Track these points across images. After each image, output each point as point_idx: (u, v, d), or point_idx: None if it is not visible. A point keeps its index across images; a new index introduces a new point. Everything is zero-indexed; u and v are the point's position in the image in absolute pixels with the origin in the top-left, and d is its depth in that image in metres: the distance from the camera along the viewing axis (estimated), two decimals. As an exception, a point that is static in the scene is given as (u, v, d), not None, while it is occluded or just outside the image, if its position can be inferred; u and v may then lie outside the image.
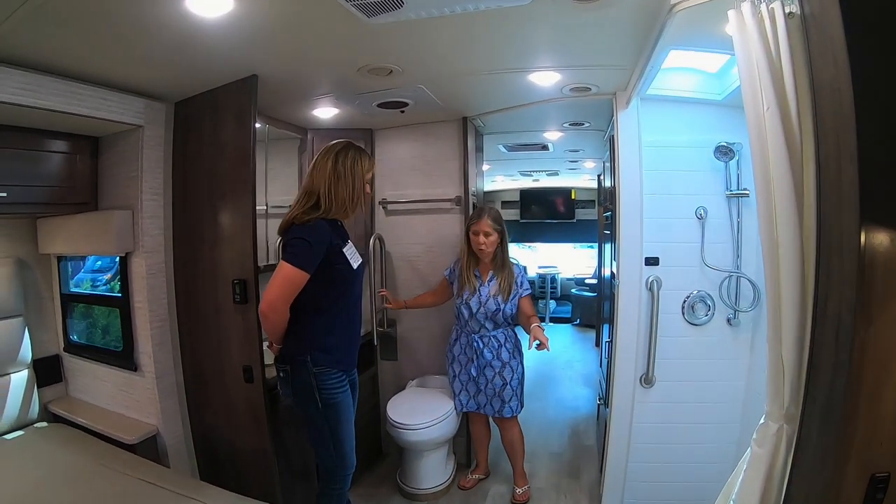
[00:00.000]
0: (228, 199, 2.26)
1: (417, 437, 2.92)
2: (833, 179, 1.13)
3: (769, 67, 1.25)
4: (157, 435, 2.37)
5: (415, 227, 3.52)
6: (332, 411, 2.08)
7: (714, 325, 2.72)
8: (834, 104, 1.10)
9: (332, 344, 2.09)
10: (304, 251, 1.94)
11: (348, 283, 2.12)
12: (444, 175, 3.41)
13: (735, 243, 2.64)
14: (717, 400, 2.75)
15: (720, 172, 2.61)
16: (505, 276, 2.95)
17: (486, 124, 3.53)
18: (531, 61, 2.30)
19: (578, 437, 4.04)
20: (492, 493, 3.18)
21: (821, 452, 1.14)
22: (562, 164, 5.66)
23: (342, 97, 2.69)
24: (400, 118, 3.12)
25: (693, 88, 2.57)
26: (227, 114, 2.24)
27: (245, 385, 2.25)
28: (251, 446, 2.33)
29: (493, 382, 2.97)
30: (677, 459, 2.83)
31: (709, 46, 2.02)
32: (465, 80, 2.54)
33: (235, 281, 2.22)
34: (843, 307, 1.09)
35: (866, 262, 1.04)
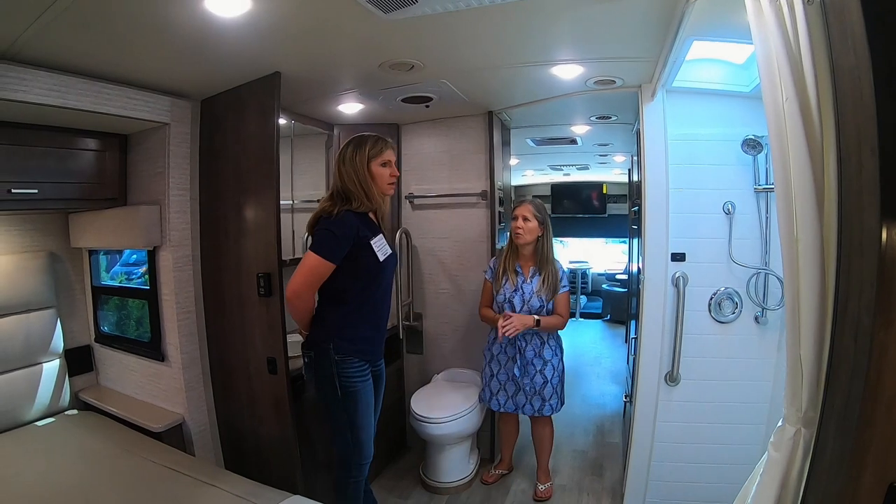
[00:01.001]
0: (253, 194, 2.30)
1: (440, 430, 2.93)
2: (854, 173, 1.07)
3: (788, 57, 1.20)
4: (183, 423, 2.44)
5: (441, 222, 3.52)
6: (351, 399, 2.12)
7: (741, 323, 2.65)
8: (854, 94, 1.04)
9: (355, 334, 2.14)
10: (328, 242, 2.02)
11: (374, 275, 2.15)
12: (471, 169, 3.40)
13: (763, 239, 2.56)
14: (743, 400, 2.68)
15: (748, 166, 2.54)
16: (549, 273, 2.88)
17: (512, 118, 3.51)
18: (552, 54, 2.27)
19: (603, 434, 3.99)
20: (514, 488, 3.17)
21: (837, 459, 1.10)
22: (591, 159, 5.60)
23: (366, 93, 2.70)
24: (425, 113, 3.12)
25: (719, 80, 2.50)
26: (251, 110, 2.28)
27: (269, 376, 2.30)
28: (274, 436, 2.38)
29: (534, 381, 2.94)
30: (701, 460, 2.77)
31: (732, 37, 1.95)
32: (488, 75, 2.53)
33: (260, 274, 2.27)
34: (863, 309, 1.04)
35: (887, 261, 0.99)
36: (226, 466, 2.53)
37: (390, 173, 2.18)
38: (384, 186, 2.18)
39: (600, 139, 4.43)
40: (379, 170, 2.14)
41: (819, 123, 1.18)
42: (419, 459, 3.33)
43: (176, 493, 1.94)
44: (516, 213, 2.86)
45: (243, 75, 2.23)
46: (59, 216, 2.73)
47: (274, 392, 2.33)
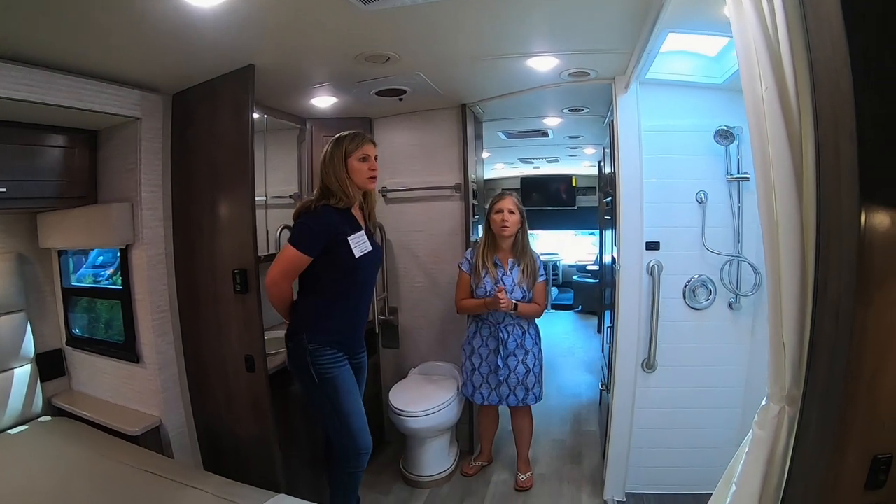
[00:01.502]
0: (227, 190, 2.26)
1: (420, 424, 2.93)
2: (832, 160, 1.11)
3: (767, 47, 1.23)
4: (160, 426, 2.38)
5: (415, 215, 3.52)
6: (329, 385, 2.17)
7: (715, 309, 2.72)
8: (832, 83, 1.08)
9: (328, 326, 2.19)
10: (305, 235, 2.10)
11: (350, 271, 2.18)
12: (444, 162, 3.40)
13: (736, 227, 2.63)
14: (718, 384, 2.76)
15: (720, 156, 2.60)
16: (528, 263, 2.93)
17: (485, 111, 3.51)
18: (529, 46, 2.28)
19: (580, 423, 4.05)
20: (495, 479, 3.19)
21: (821, 434, 1.14)
22: (562, 151, 5.64)
23: (340, 86, 2.68)
24: (398, 106, 3.11)
25: (692, 72, 2.56)
26: (225, 104, 2.24)
27: (247, 374, 2.27)
28: (253, 436, 2.35)
29: (517, 371, 2.96)
30: (679, 444, 2.85)
31: (707, 29, 2.00)
32: (463, 67, 2.52)
33: (236, 271, 2.23)
34: (843, 289, 1.08)
35: (865, 243, 1.03)
36: (204, 468, 2.49)
37: (369, 167, 2.21)
38: (363, 181, 2.22)
39: (571, 131, 4.47)
40: (357, 165, 2.18)
41: (797, 112, 1.22)
42: (398, 454, 3.33)
43: (156, 496, 1.90)
44: (500, 206, 2.88)
45: (217, 68, 2.19)
46: (27, 216, 2.63)
47: (252, 390, 2.31)
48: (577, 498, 2.97)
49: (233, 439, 2.42)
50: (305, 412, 2.65)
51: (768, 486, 1.30)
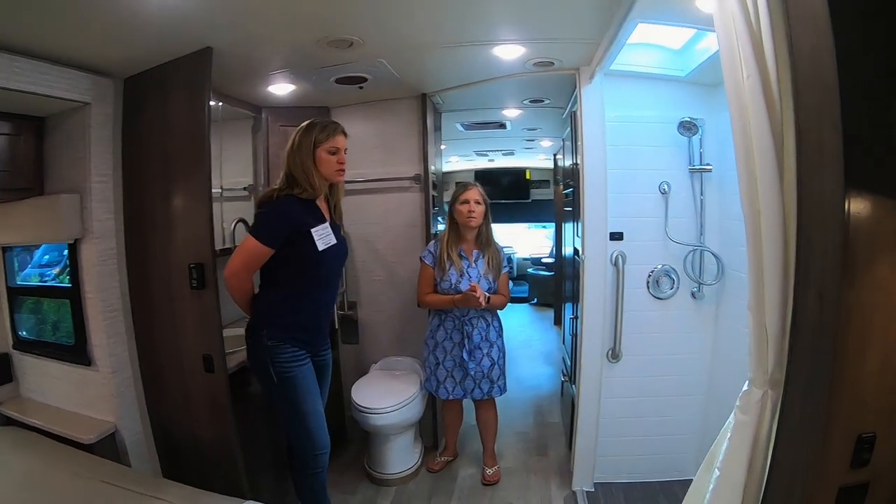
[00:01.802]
0: (182, 180, 2.14)
1: (385, 420, 2.87)
2: (814, 148, 1.13)
3: (750, 36, 1.24)
4: (116, 432, 2.23)
5: (374, 207, 3.44)
6: (289, 385, 2.10)
7: (679, 298, 2.78)
8: (815, 73, 1.09)
9: (289, 321, 2.10)
10: (267, 225, 2.03)
11: (312, 264, 2.10)
12: (403, 153, 3.36)
13: (698, 217, 2.69)
14: (683, 372, 2.83)
15: (683, 148, 2.65)
16: (492, 254, 2.92)
17: (444, 101, 3.48)
18: (496, 33, 2.26)
19: (543, 415, 4.08)
20: (461, 474, 3.17)
21: (808, 415, 1.16)
22: (518, 144, 5.68)
23: (299, 72, 2.59)
24: (357, 95, 3.03)
25: (656, 64, 2.60)
26: (180, 89, 2.11)
27: (205, 375, 2.16)
28: (214, 438, 2.24)
29: (482, 365, 2.94)
30: (645, 433, 2.90)
31: (677, 20, 2.02)
32: (427, 54, 2.49)
33: (192, 265, 2.12)
34: (827, 272, 1.10)
35: (850, 228, 1.05)
36: (164, 475, 2.37)
37: (338, 160, 2.13)
38: (330, 173, 2.13)
39: (529, 124, 4.50)
40: (325, 156, 2.09)
41: (779, 100, 1.23)
42: (362, 452, 3.26)
43: None
44: (466, 196, 2.85)
45: (172, 50, 2.06)
46: (-34, 210, 2.41)
47: (211, 391, 2.20)
48: (545, 490, 2.98)
49: (192, 444, 2.31)
50: (267, 412, 2.55)
51: (753, 468, 1.32)
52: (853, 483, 1.14)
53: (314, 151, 2.07)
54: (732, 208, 2.56)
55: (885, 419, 1.13)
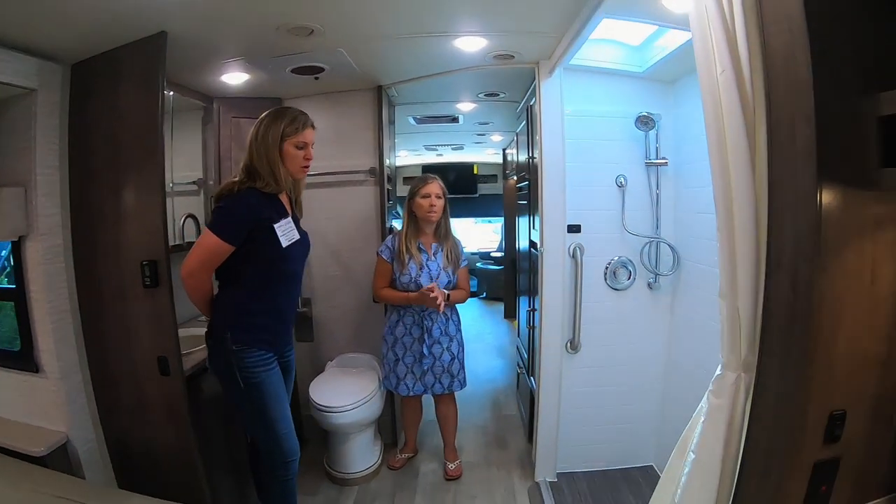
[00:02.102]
0: (134, 172, 2.01)
1: (345, 419, 2.82)
2: (786, 140, 1.18)
3: (725, 32, 1.27)
4: (68, 443, 2.06)
5: (328, 201, 3.36)
6: (256, 390, 1.99)
7: (635, 289, 2.86)
8: (789, 69, 1.14)
9: (253, 322, 2.00)
10: (227, 221, 1.90)
11: (276, 261, 2.00)
12: (358, 146, 3.31)
13: (654, 210, 2.77)
14: (640, 361, 2.92)
15: (640, 142, 2.73)
16: (451, 247, 2.91)
17: (399, 94, 3.44)
18: (460, 25, 2.24)
19: (500, 408, 4.12)
20: (423, 470, 3.16)
21: (782, 395, 1.21)
22: (468, 138, 5.70)
23: (255, 60, 2.49)
24: (313, 86, 2.94)
25: (615, 60, 2.65)
26: (133, 76, 1.98)
27: (161, 378, 2.04)
28: (171, 445, 2.13)
29: (442, 359, 2.93)
30: (605, 421, 2.98)
31: (643, 17, 2.06)
32: (389, 44, 2.45)
33: (144, 262, 1.99)
34: (800, 258, 1.15)
35: (823, 216, 1.10)
36: (120, 486, 2.23)
37: (304, 156, 2.03)
38: (295, 169, 2.03)
39: (482, 118, 4.50)
40: (292, 151, 1.99)
41: (752, 95, 1.28)
42: (321, 452, 3.19)
43: None
44: (427, 190, 2.83)
45: (123, 35, 1.93)
46: None
47: (168, 395, 2.08)
48: (508, 482, 3.00)
49: (148, 451, 2.18)
50: (225, 415, 2.46)
51: (729, 449, 1.37)
52: (826, 458, 1.21)
53: (281, 144, 1.95)
54: (688, 201, 2.66)
55: (854, 397, 1.21)
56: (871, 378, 1.22)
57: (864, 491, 1.29)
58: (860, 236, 1.15)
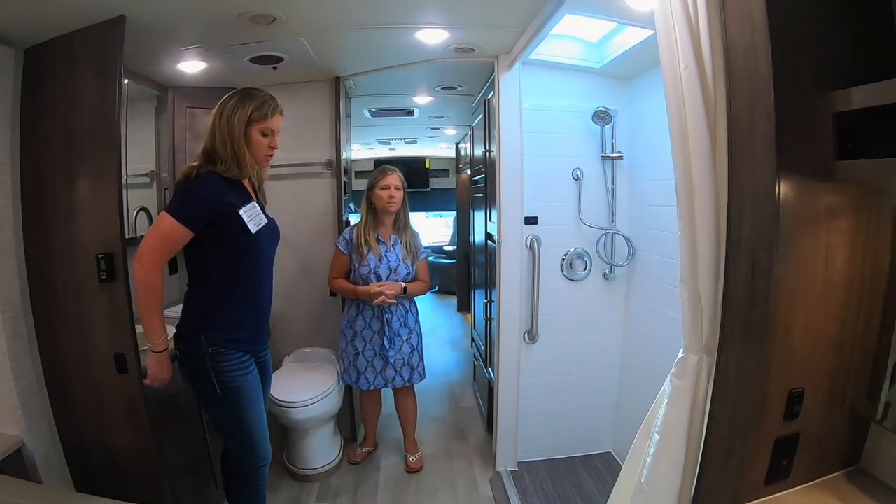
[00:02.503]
0: (88, 161, 1.89)
1: (305, 414, 2.79)
2: (746, 133, 1.24)
3: (689, 29, 1.32)
4: (23, 447, 1.94)
5: (284, 194, 3.28)
6: (233, 396, 1.89)
7: (591, 280, 2.94)
8: (749, 66, 1.20)
9: (230, 321, 1.88)
10: (187, 203, 1.77)
11: (245, 250, 1.89)
12: (316, 138, 3.26)
13: (609, 203, 2.85)
14: (597, 350, 3.00)
15: (596, 136, 2.80)
16: (409, 239, 2.91)
17: (357, 86, 3.41)
18: (423, 17, 2.24)
19: (456, 400, 4.15)
20: (384, 463, 3.16)
21: (743, 376, 1.27)
22: (423, 132, 5.69)
23: (214, 49, 2.42)
24: (270, 76, 2.88)
25: (573, 56, 2.71)
26: (89, 61, 1.86)
27: (118, 376, 1.95)
28: (130, 446, 2.04)
29: (402, 352, 2.93)
30: (564, 410, 3.05)
31: (604, 14, 2.11)
32: (350, 35, 2.43)
33: (100, 255, 1.89)
34: (759, 245, 1.21)
35: (781, 205, 1.16)
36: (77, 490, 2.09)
37: (269, 144, 1.92)
38: (259, 157, 1.92)
39: (438, 111, 4.51)
40: (257, 138, 1.87)
41: (713, 89, 1.34)
42: (279, 448, 3.14)
43: None
44: (386, 182, 2.83)
45: (79, 18, 1.82)
46: None
47: (126, 394, 1.98)
48: (469, 473, 3.04)
49: (107, 453, 2.08)
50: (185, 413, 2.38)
51: (693, 428, 1.43)
52: (787, 434, 1.29)
53: (247, 129, 1.84)
54: (642, 194, 2.75)
55: (811, 375, 1.29)
56: (826, 357, 1.30)
57: (823, 465, 1.38)
58: (816, 224, 1.22)
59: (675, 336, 1.57)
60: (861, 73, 1.14)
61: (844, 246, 1.26)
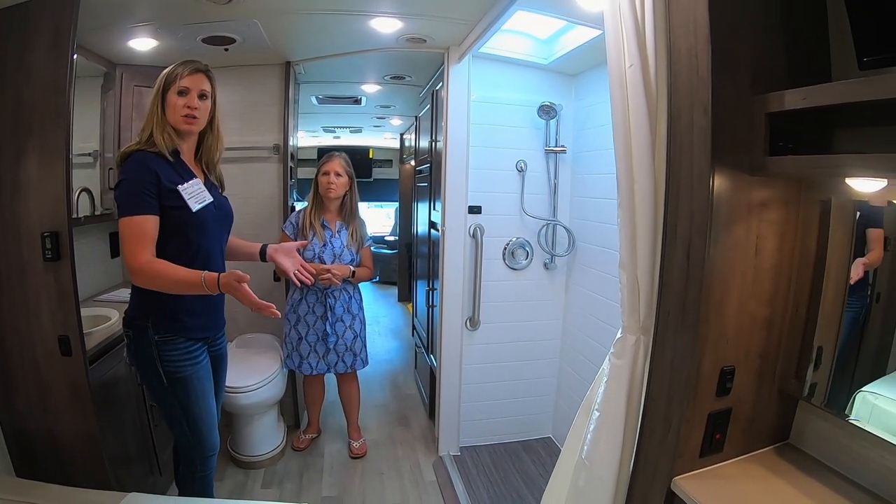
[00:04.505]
0: (36, 136, 1.80)
1: (250, 399, 2.76)
2: (685, 129, 1.33)
3: (636, 29, 1.41)
4: None
5: (230, 178, 3.16)
6: (180, 386, 1.82)
7: (532, 269, 3.05)
8: (690, 66, 1.29)
9: (176, 306, 1.78)
10: (127, 194, 1.66)
11: (190, 229, 1.77)
12: (263, 122, 3.22)
13: (552, 194, 2.96)
14: (537, 337, 3.11)
15: (541, 130, 2.90)
16: (356, 227, 2.93)
17: (306, 72, 3.38)
18: (377, 5, 2.27)
19: (399, 388, 4.20)
20: (328, 449, 3.17)
21: (679, 354, 1.38)
22: (368, 121, 5.69)
23: (166, 27, 2.36)
24: (221, 58, 2.81)
25: (522, 51, 2.78)
26: (42, 33, 1.76)
27: (62, 359, 1.87)
28: (73, 432, 1.96)
29: (345, 338, 2.95)
30: (505, 396, 3.15)
31: (555, 12, 2.19)
32: (304, 19, 2.42)
33: (45, 234, 1.81)
34: (694, 232, 1.32)
35: (714, 196, 1.27)
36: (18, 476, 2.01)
37: (185, 103, 1.75)
38: (175, 119, 1.75)
39: (385, 101, 4.52)
40: (173, 99, 1.74)
41: (655, 87, 1.43)
42: (224, 436, 3.08)
43: None
44: (327, 168, 2.84)
45: None
46: None
47: (69, 377, 1.90)
48: (413, 458, 3.09)
49: (49, 439, 2.00)
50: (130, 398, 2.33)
51: (631, 404, 1.53)
52: (719, 409, 1.40)
53: (164, 94, 1.74)
54: (584, 187, 2.87)
55: (742, 354, 1.41)
56: (757, 338, 1.43)
57: (755, 439, 1.51)
58: (748, 214, 1.33)
59: (614, 323, 1.67)
60: (797, 76, 1.26)
61: (774, 235, 1.39)
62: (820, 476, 1.39)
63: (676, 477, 1.39)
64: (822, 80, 1.15)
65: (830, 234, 1.40)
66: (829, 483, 1.36)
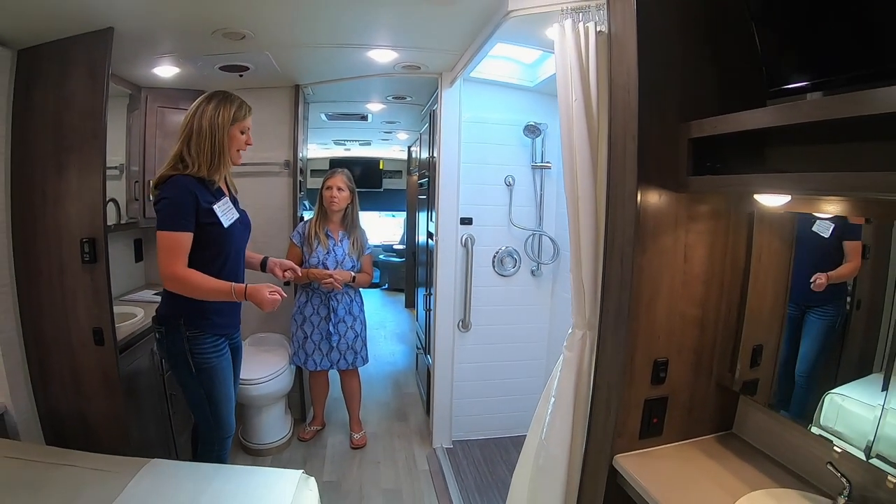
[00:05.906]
0: (76, 153, 2.12)
1: (260, 391, 3.03)
2: (619, 153, 1.56)
3: (580, 69, 1.65)
4: (6, 413, 2.13)
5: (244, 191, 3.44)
6: (206, 375, 2.06)
7: (520, 276, 3.29)
8: (624, 100, 1.51)
9: (206, 306, 2.01)
10: (169, 212, 1.87)
11: (222, 243, 2.01)
12: (275, 139, 3.49)
13: (538, 207, 3.21)
14: (525, 339, 3.35)
15: (527, 147, 3.15)
16: (357, 236, 3.19)
17: (315, 93, 3.65)
18: (373, 39, 2.53)
19: (400, 387, 4.45)
20: (331, 441, 3.42)
21: (617, 347, 1.59)
22: (375, 135, 5.95)
23: (187, 56, 2.65)
24: (236, 82, 3.10)
25: (509, 75, 3.03)
26: (80, 66, 2.10)
27: (95, 348, 2.17)
28: (102, 414, 2.25)
29: (347, 337, 3.20)
30: (495, 394, 3.38)
31: (530, 43, 2.43)
32: (310, 51, 2.69)
33: (84, 240, 2.12)
34: (625, 242, 1.53)
35: (640, 210, 1.48)
36: None
37: (245, 141, 2.06)
38: (234, 154, 2.04)
39: (390, 117, 4.78)
40: (237, 135, 2.01)
41: (597, 118, 1.67)
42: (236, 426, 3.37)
43: (32, 480, 1.75)
44: (330, 182, 3.11)
45: (71, 26, 2.03)
46: None
47: (101, 364, 2.20)
48: (409, 450, 3.34)
49: (79, 420, 2.27)
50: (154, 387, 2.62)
51: (580, 391, 1.76)
52: (655, 396, 1.61)
53: (230, 128, 1.97)
54: (566, 200, 3.10)
55: (674, 348, 1.61)
56: (689, 335, 1.62)
57: (696, 426, 1.70)
58: (675, 226, 1.54)
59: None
60: (728, 102, 1.39)
61: (703, 244, 1.59)
62: (755, 462, 1.55)
63: (617, 455, 1.59)
64: (756, 104, 1.26)
65: (754, 244, 1.61)
66: (761, 468, 1.52)
